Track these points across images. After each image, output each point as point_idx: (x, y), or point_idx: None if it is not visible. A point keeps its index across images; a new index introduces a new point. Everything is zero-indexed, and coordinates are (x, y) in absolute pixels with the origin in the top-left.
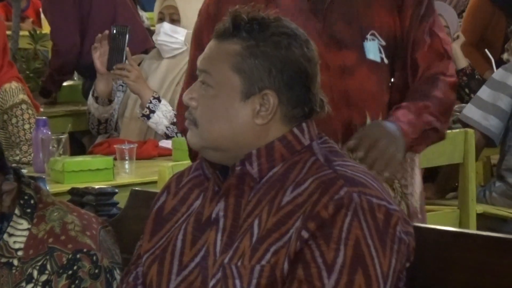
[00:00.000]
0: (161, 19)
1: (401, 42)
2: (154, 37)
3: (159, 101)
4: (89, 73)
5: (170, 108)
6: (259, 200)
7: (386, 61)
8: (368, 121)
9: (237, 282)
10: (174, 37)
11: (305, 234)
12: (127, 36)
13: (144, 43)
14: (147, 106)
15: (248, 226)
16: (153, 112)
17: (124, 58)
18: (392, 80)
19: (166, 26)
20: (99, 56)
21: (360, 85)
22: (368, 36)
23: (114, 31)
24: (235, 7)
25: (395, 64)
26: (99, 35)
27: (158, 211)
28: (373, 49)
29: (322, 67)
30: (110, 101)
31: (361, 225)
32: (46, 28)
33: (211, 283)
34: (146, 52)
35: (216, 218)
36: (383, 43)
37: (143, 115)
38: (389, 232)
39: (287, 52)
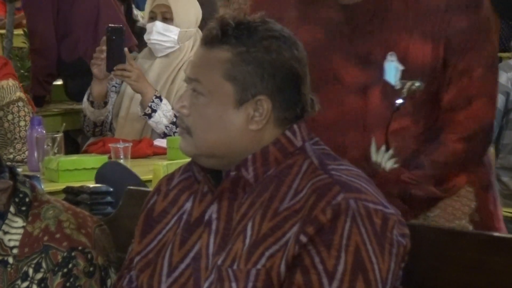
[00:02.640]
0: (152, 18)
1: (429, 75)
2: (146, 37)
3: (161, 100)
4: (69, 73)
5: (170, 107)
6: (253, 202)
7: (399, 86)
8: (373, 146)
9: (234, 285)
10: (166, 35)
11: (303, 239)
12: (123, 36)
13: (127, 42)
14: (149, 105)
15: (241, 228)
16: (155, 111)
17: (124, 58)
18: (400, 101)
19: (159, 25)
20: (96, 62)
21: (372, 107)
22: (388, 57)
23: (109, 33)
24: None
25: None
26: (99, 47)
27: (148, 213)
28: (391, 71)
29: (336, 81)
30: (105, 103)
31: (360, 231)
32: None
33: (205, 285)
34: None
35: (209, 220)
36: (401, 67)
37: (145, 114)
38: (387, 236)
39: (278, 55)
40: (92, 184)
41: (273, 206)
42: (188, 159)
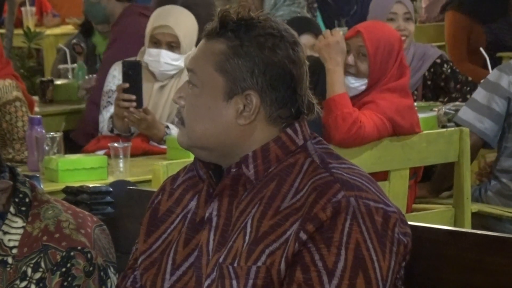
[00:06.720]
0: (155, 43)
1: None
2: (148, 61)
3: (169, 128)
4: None
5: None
6: (252, 199)
7: None
8: None
9: (234, 282)
10: (174, 65)
11: (303, 236)
12: (141, 71)
13: None
14: (163, 139)
15: (241, 225)
16: None
17: (140, 94)
18: None
19: (167, 55)
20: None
21: None
22: None
23: (125, 67)
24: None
25: None
26: (120, 85)
27: (153, 212)
28: None
29: None
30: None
31: (361, 228)
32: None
33: (206, 283)
34: None
35: (210, 217)
36: None
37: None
38: (388, 235)
39: (271, 53)
40: (91, 184)
41: (274, 204)
42: (191, 159)
